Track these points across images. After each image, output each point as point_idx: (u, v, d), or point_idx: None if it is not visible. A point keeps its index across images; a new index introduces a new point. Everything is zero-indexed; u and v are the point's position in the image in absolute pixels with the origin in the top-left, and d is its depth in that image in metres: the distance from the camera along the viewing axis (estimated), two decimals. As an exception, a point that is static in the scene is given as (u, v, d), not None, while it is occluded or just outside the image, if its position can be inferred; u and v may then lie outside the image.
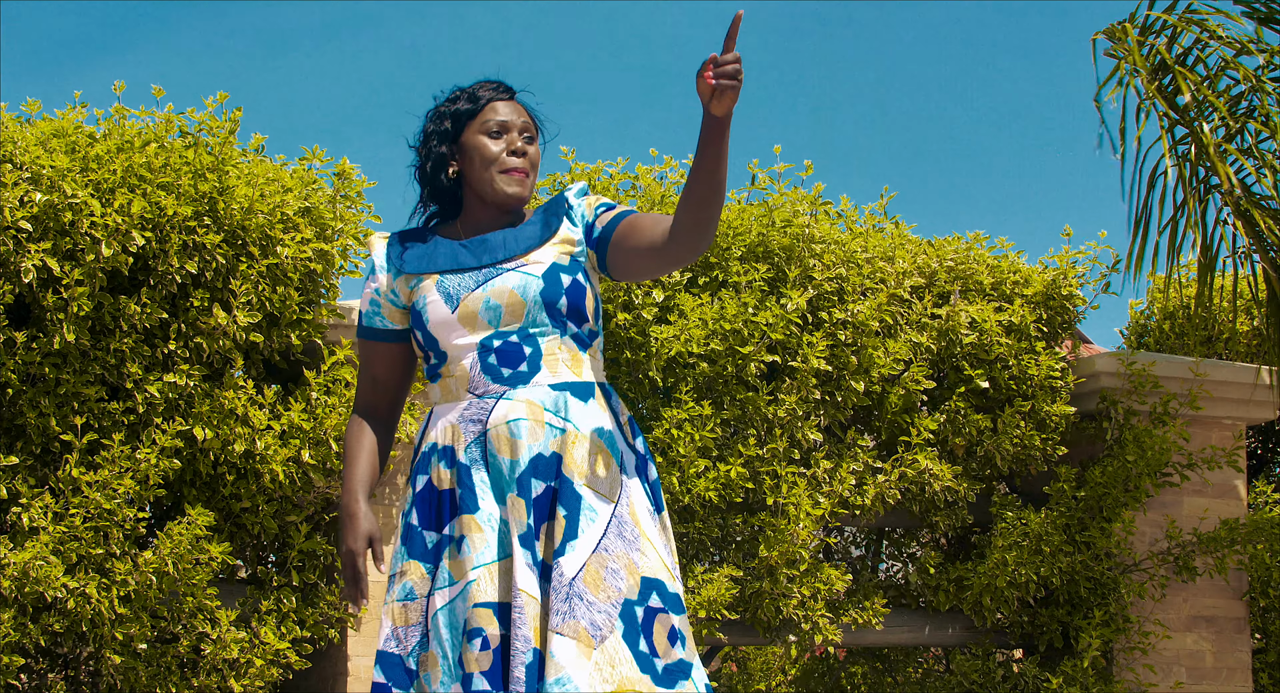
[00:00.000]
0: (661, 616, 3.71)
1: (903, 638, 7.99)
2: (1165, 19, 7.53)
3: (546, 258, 3.90)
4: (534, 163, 3.98)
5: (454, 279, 3.89)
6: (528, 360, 3.83)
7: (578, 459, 3.76)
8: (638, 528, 3.76)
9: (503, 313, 3.83)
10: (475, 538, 3.73)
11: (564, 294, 3.85)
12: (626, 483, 3.81)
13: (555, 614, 3.62)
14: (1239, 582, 8.35)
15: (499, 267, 3.88)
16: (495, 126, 3.96)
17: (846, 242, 7.66)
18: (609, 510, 3.75)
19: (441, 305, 3.87)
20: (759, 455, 7.31)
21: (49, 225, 6.13)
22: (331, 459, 6.55)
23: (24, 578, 5.98)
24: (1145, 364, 8.05)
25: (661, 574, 3.74)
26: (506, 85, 4.04)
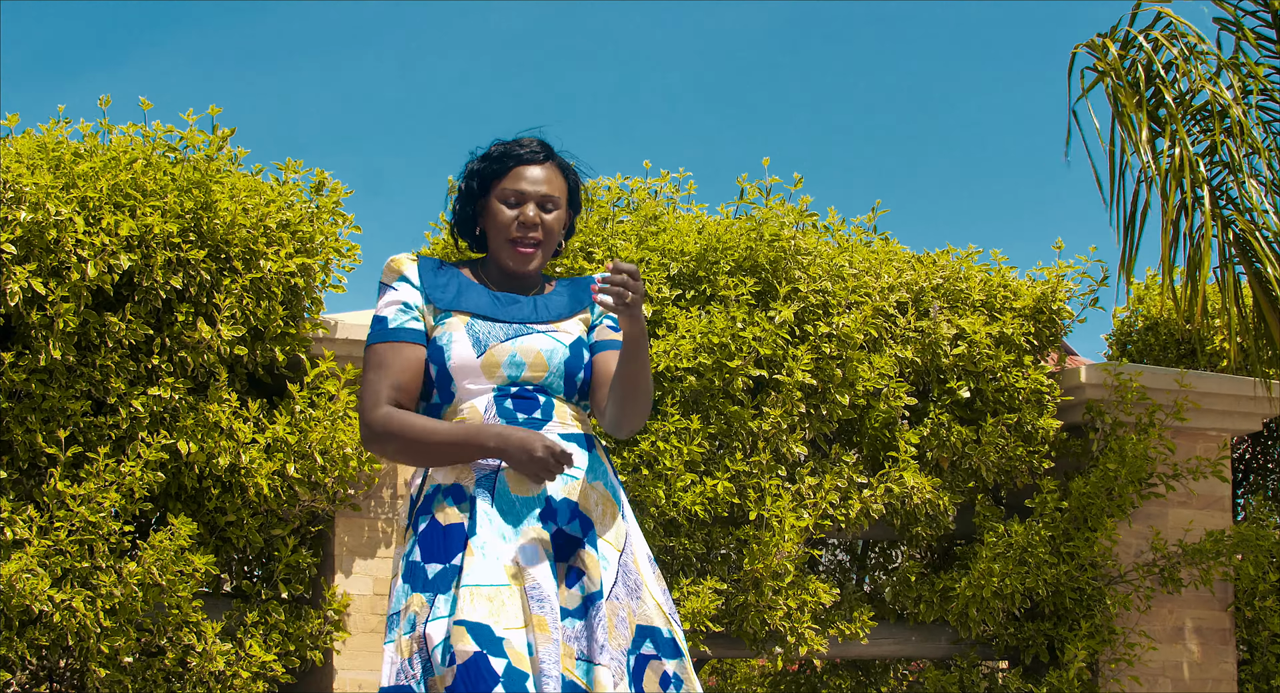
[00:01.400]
0: (654, 663, 3.81)
1: (888, 650, 8.01)
2: (1147, 34, 7.56)
3: (574, 330, 4.01)
4: (550, 231, 4.01)
5: (484, 326, 3.94)
6: (542, 409, 3.91)
7: (590, 508, 3.87)
8: (639, 576, 3.87)
9: (525, 370, 3.91)
10: (468, 561, 3.76)
11: (583, 369, 3.97)
12: (629, 533, 3.92)
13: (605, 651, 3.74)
14: (1224, 593, 8.37)
15: (529, 326, 3.96)
16: (513, 196, 4.00)
17: (833, 255, 7.68)
18: (616, 559, 3.86)
19: (468, 348, 3.91)
20: (744, 469, 7.33)
21: (34, 244, 6.15)
22: (316, 472, 6.57)
23: (10, 591, 6.01)
24: (1132, 375, 8.08)
25: (657, 621, 3.85)
26: (542, 145, 4.06)
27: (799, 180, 7.68)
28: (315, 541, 6.89)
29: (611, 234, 7.48)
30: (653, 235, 7.52)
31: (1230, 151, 7.51)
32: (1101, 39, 7.54)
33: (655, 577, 3.91)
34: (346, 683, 6.79)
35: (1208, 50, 7.59)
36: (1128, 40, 7.60)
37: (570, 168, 4.11)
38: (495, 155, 4.04)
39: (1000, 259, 8.23)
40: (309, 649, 6.65)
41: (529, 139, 4.07)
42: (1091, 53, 7.55)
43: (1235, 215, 7.59)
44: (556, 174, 4.06)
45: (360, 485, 6.83)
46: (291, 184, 6.77)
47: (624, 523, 3.90)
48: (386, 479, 6.95)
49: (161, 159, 6.50)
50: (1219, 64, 7.54)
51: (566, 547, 3.84)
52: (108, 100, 6.54)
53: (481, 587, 3.72)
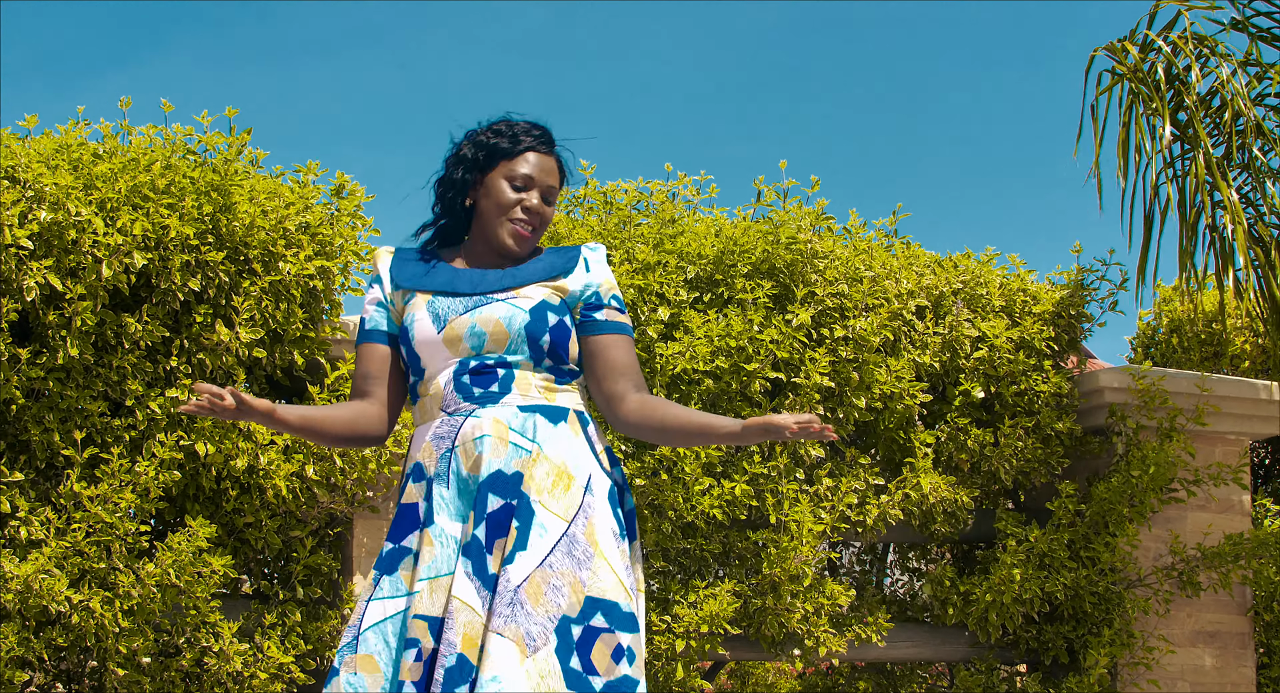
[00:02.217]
0: (605, 635, 3.78)
1: (907, 653, 8.00)
2: (1165, 36, 7.55)
3: (536, 294, 3.99)
4: (544, 221, 4.06)
5: (445, 302, 3.98)
6: (499, 381, 3.91)
7: (537, 477, 3.84)
8: (593, 548, 3.83)
9: (486, 340, 3.92)
10: (425, 552, 3.82)
11: (548, 331, 3.94)
12: (590, 504, 3.88)
13: (497, 616, 3.70)
14: (1243, 597, 8.35)
15: (489, 296, 3.98)
16: (520, 179, 4.03)
17: (850, 258, 7.68)
18: (561, 529, 3.81)
19: (429, 325, 3.95)
20: (762, 472, 7.33)
21: (52, 243, 6.17)
22: (335, 474, 6.58)
23: (27, 592, 6.02)
24: (1154, 379, 8.06)
25: (615, 595, 3.81)
26: (550, 136, 4.11)
27: (816, 183, 7.69)
28: (334, 542, 6.90)
29: (629, 237, 7.48)
30: (670, 238, 7.52)
31: (1251, 153, 7.49)
32: (1120, 42, 7.54)
33: (619, 553, 3.89)
34: (364, 685, 6.78)
35: (1225, 52, 7.58)
36: (1146, 43, 7.59)
37: (567, 162, 4.17)
38: (507, 133, 4.07)
39: (1019, 264, 8.23)
40: (327, 649, 6.65)
41: (540, 126, 4.11)
42: (1110, 56, 7.54)
43: (1256, 217, 7.57)
44: (556, 169, 4.12)
45: (379, 487, 6.84)
46: (311, 187, 6.78)
47: (582, 495, 3.86)
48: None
49: (181, 162, 6.51)
50: (1236, 66, 7.53)
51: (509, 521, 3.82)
52: (128, 102, 6.57)
53: (440, 578, 3.78)
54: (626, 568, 3.89)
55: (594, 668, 3.74)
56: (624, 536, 3.94)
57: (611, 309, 4.07)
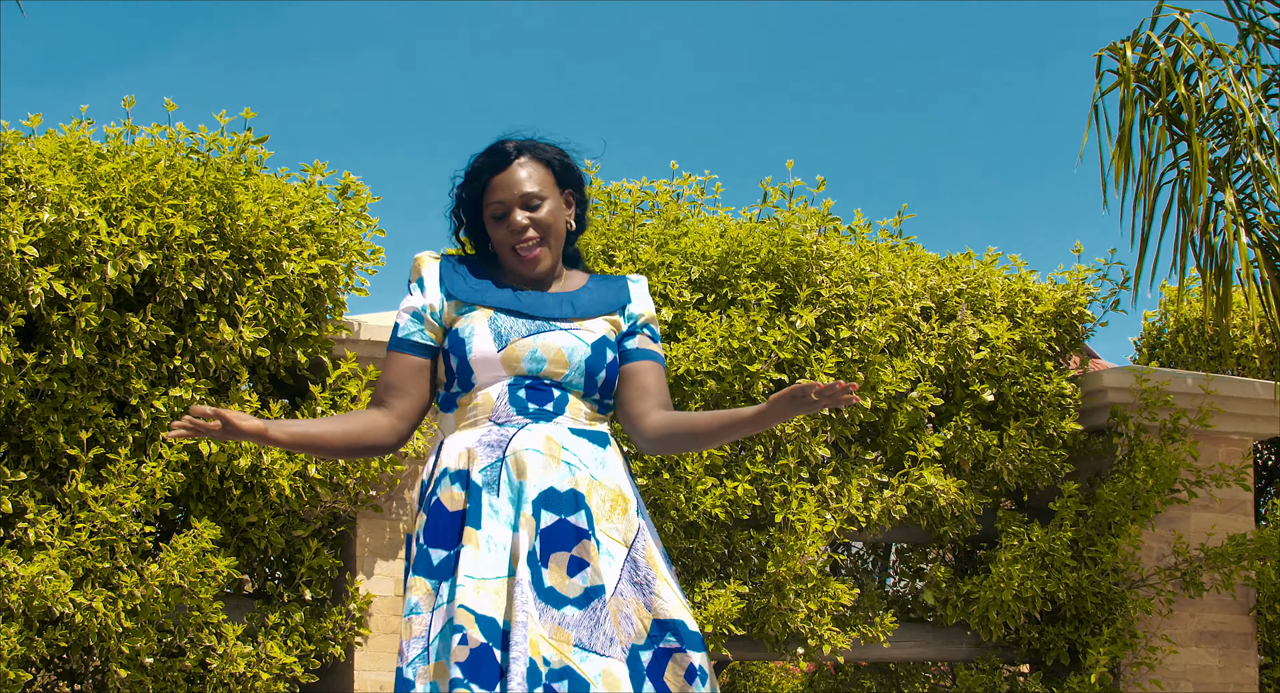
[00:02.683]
0: (678, 655, 3.78)
1: (910, 653, 8.00)
2: (1167, 38, 7.55)
3: (599, 329, 3.99)
4: (546, 224, 3.99)
5: (508, 321, 3.95)
6: (555, 402, 3.91)
7: (594, 504, 3.85)
8: (654, 570, 3.85)
9: (545, 365, 3.91)
10: (469, 550, 3.77)
11: (605, 368, 3.95)
12: (642, 528, 3.90)
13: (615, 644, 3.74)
14: (1246, 598, 8.35)
15: (552, 323, 3.96)
16: (497, 210, 3.99)
17: (855, 259, 7.68)
18: (623, 555, 3.84)
19: (489, 341, 3.91)
20: (767, 472, 7.33)
21: (56, 244, 6.17)
22: (339, 474, 6.58)
23: (31, 592, 6.02)
24: (1157, 381, 8.06)
25: (681, 615, 3.81)
26: (508, 146, 4.02)
27: (822, 183, 7.68)
28: (337, 542, 6.90)
29: (634, 237, 7.48)
30: (674, 239, 7.51)
31: (1252, 155, 7.49)
32: (1123, 43, 7.53)
33: (674, 574, 3.91)
34: (367, 683, 6.80)
35: (1228, 53, 7.57)
36: (1148, 44, 7.59)
37: (549, 151, 4.06)
38: (471, 174, 4.03)
39: (1020, 264, 8.23)
40: (330, 646, 6.65)
41: (497, 144, 4.04)
42: (1113, 57, 7.54)
43: (1259, 219, 7.56)
44: (533, 167, 4.02)
45: (382, 487, 6.84)
46: (318, 187, 6.78)
47: (634, 519, 3.88)
48: (408, 481, 6.95)
49: (185, 161, 6.52)
50: (1240, 67, 7.52)
51: (570, 536, 3.81)
52: (131, 101, 6.56)
53: (488, 581, 3.74)
54: (682, 590, 3.96)
55: (668, 689, 3.76)
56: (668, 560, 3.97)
57: (646, 337, 4.07)
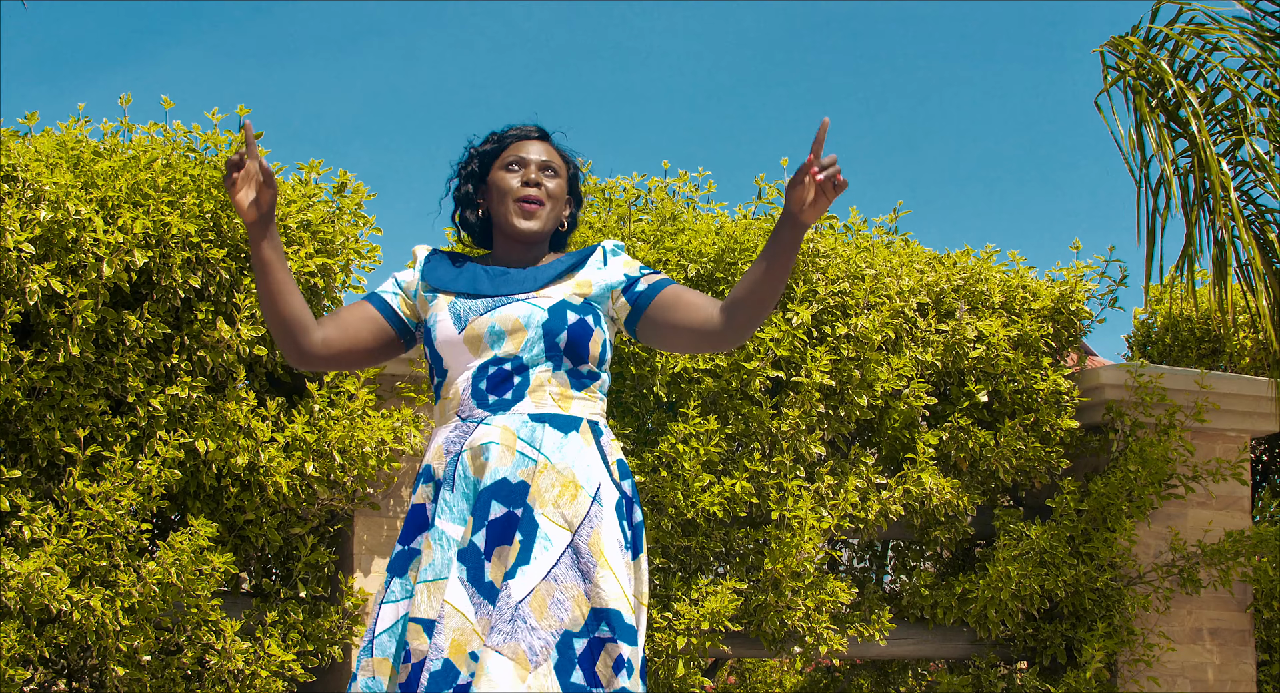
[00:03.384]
0: (610, 645, 3.77)
1: (907, 651, 8.01)
2: (1168, 32, 7.54)
3: (557, 294, 4.00)
4: (553, 196, 4.09)
5: (466, 303, 4.00)
6: (514, 389, 3.92)
7: (542, 488, 3.83)
8: (597, 558, 3.80)
9: (505, 338, 3.93)
10: (425, 554, 3.84)
11: (565, 330, 3.93)
12: (598, 514, 3.85)
13: (497, 633, 3.70)
14: (1243, 594, 8.35)
15: (511, 297, 3.99)
16: (514, 161, 4.10)
17: (851, 256, 7.67)
18: (566, 540, 3.81)
19: (450, 325, 3.97)
20: (764, 470, 7.32)
21: (53, 242, 6.16)
22: (335, 471, 6.58)
23: (29, 590, 6.02)
24: (1153, 376, 8.06)
25: (619, 604, 3.78)
26: (537, 127, 4.17)
27: (818, 180, 7.66)
28: (334, 539, 6.90)
29: (629, 234, 7.47)
30: (670, 236, 7.51)
31: (1252, 151, 7.48)
32: (1124, 38, 7.52)
33: (624, 564, 3.87)
34: (365, 682, 6.78)
35: (1229, 48, 7.56)
36: (1149, 39, 7.58)
37: (567, 154, 4.20)
38: (494, 139, 4.16)
39: (1019, 260, 8.23)
40: (327, 645, 6.65)
41: (521, 124, 4.18)
42: (1113, 52, 7.53)
43: (1258, 215, 7.56)
44: (555, 152, 4.16)
45: (379, 484, 6.83)
46: (314, 184, 6.77)
47: (589, 505, 3.84)
48: (405, 478, 6.95)
49: (182, 159, 6.51)
50: (1240, 63, 7.52)
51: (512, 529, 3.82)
52: (128, 99, 6.55)
53: (438, 581, 3.79)
54: (629, 579, 3.88)
55: (597, 680, 3.75)
56: (628, 548, 3.93)
57: (649, 275, 4.08)
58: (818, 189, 3.71)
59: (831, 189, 3.70)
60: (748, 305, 3.84)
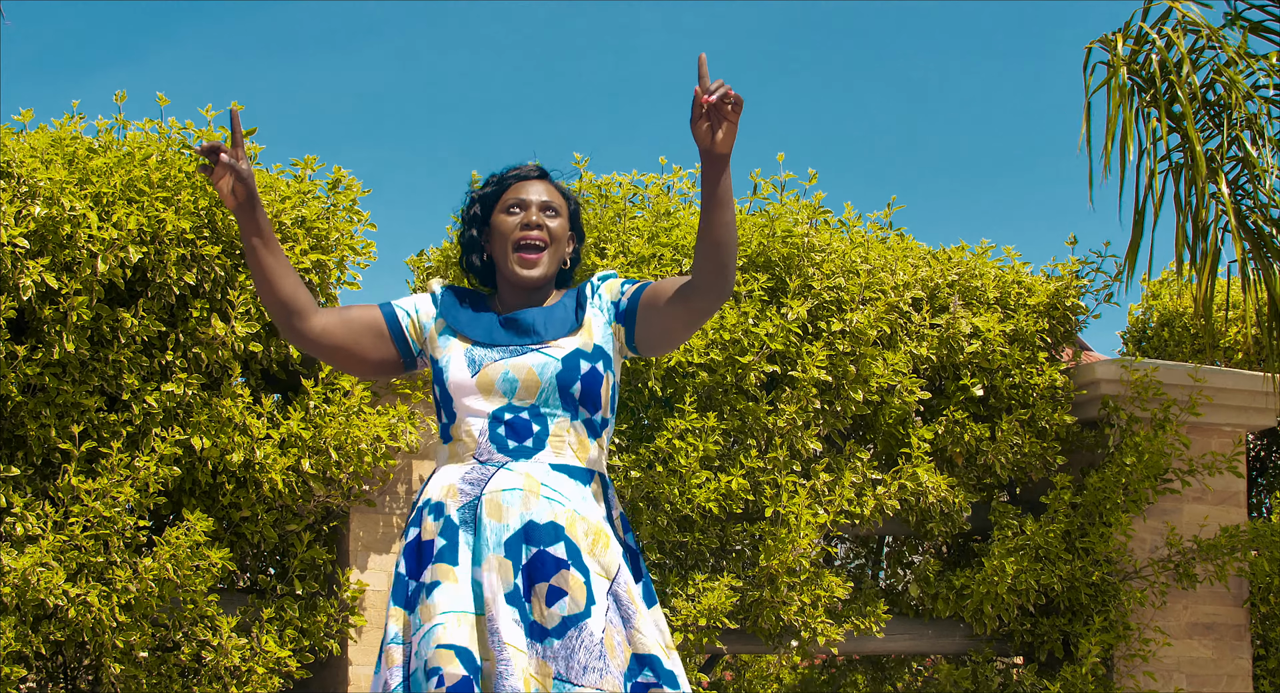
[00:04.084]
0: (654, 690, 3.83)
1: (904, 646, 8.01)
2: (1159, 29, 7.55)
3: (569, 345, 4.02)
4: (555, 236, 4.11)
5: (481, 351, 4.02)
6: (534, 437, 3.96)
7: (578, 535, 3.89)
8: (633, 605, 3.88)
9: (518, 387, 3.96)
10: (448, 586, 3.85)
11: (579, 380, 3.97)
12: (622, 566, 3.93)
13: (592, 672, 3.76)
14: (1239, 589, 8.36)
15: (525, 347, 4.01)
16: (514, 202, 4.12)
17: (846, 251, 7.68)
18: (605, 587, 3.88)
19: (464, 369, 4.00)
20: (760, 466, 7.33)
21: (47, 239, 6.17)
22: (331, 468, 6.58)
23: (25, 586, 6.02)
24: (1147, 370, 8.07)
25: (657, 651, 3.85)
26: (537, 166, 4.19)
27: (813, 176, 7.68)
28: (330, 536, 6.90)
29: (624, 230, 7.48)
30: (665, 231, 7.52)
31: (1244, 146, 7.50)
32: (1115, 34, 7.54)
33: (650, 610, 3.95)
34: (360, 679, 6.80)
35: (1220, 44, 7.58)
36: (1140, 35, 7.60)
37: (569, 192, 4.22)
38: (494, 180, 4.18)
39: (1014, 255, 8.24)
40: (323, 640, 6.66)
41: (521, 164, 4.20)
42: (1105, 48, 7.55)
43: (1250, 210, 7.57)
44: (555, 191, 4.18)
45: (375, 481, 6.84)
46: (309, 181, 6.78)
47: (618, 556, 3.92)
48: (401, 475, 6.96)
49: (177, 156, 6.51)
50: (1230, 58, 7.53)
51: (550, 567, 3.85)
52: (123, 96, 6.56)
53: (466, 614, 3.81)
54: (659, 624, 3.94)
55: None
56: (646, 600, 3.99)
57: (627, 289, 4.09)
58: (716, 115, 3.70)
59: (730, 111, 3.69)
60: (706, 252, 3.83)
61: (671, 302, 3.95)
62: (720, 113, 3.69)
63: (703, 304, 3.89)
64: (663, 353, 4.15)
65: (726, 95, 3.68)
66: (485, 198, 4.16)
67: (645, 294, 4.02)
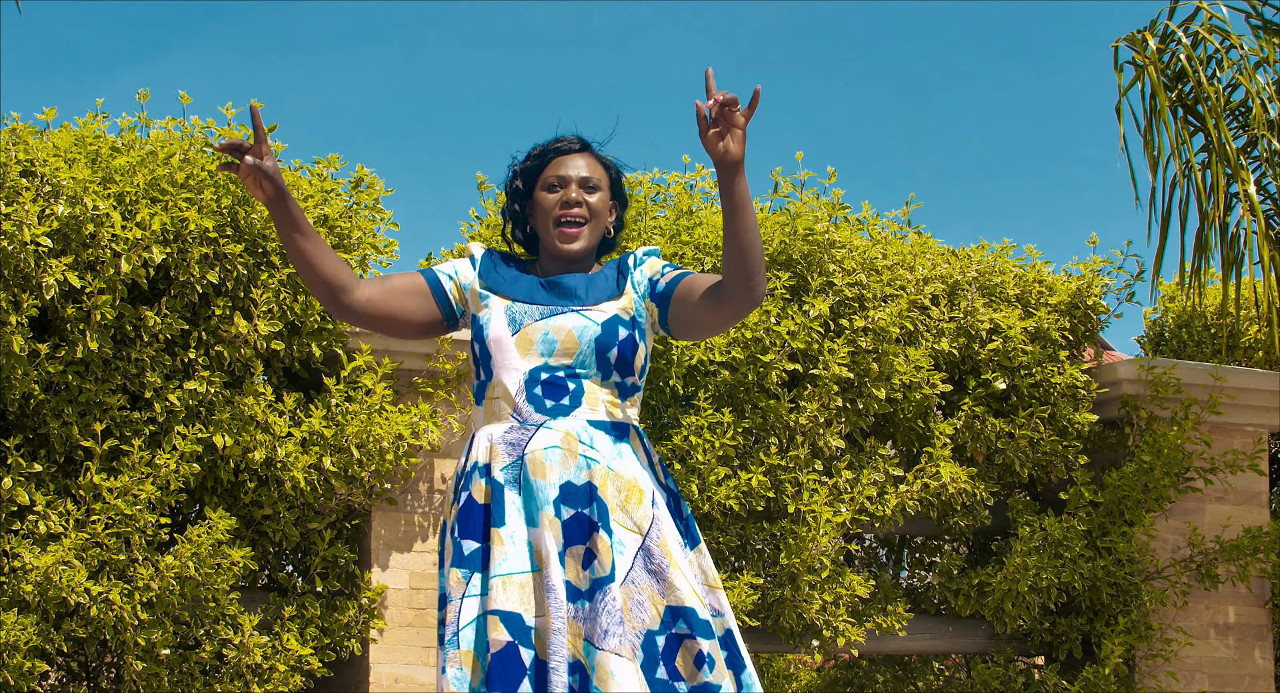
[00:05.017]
0: (689, 641, 3.87)
1: (925, 645, 8.00)
2: (1186, 28, 7.53)
3: (610, 309, 4.07)
4: (595, 211, 4.15)
5: (521, 307, 4.07)
6: (570, 395, 4.01)
7: (609, 495, 3.93)
8: (667, 558, 3.92)
9: (556, 347, 4.01)
10: (497, 550, 3.90)
11: (616, 345, 4.02)
12: (658, 517, 3.97)
13: (611, 636, 3.81)
14: (1261, 590, 8.34)
15: (566, 308, 4.07)
16: (554, 180, 4.16)
17: (867, 248, 7.67)
18: (637, 543, 3.93)
19: (504, 326, 4.05)
20: (780, 464, 7.32)
21: (70, 238, 6.17)
22: (353, 466, 6.58)
23: (47, 583, 6.03)
24: (1167, 369, 8.05)
25: (691, 602, 3.89)
26: (578, 138, 4.22)
27: (833, 174, 7.67)
28: (352, 535, 6.90)
29: (646, 228, 7.47)
30: (687, 230, 7.51)
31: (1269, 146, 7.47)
32: (1141, 33, 7.52)
33: (689, 560, 3.98)
34: (382, 677, 6.80)
35: (1245, 45, 7.55)
36: (1166, 34, 7.58)
37: (609, 161, 4.25)
38: (535, 154, 4.22)
39: (1035, 254, 8.22)
40: (344, 640, 6.65)
41: (566, 136, 4.23)
42: (1131, 47, 7.53)
43: (1274, 209, 7.55)
44: (596, 163, 4.21)
45: (397, 480, 6.84)
46: (331, 180, 6.78)
47: (651, 509, 3.96)
48: (424, 473, 6.95)
49: (200, 155, 6.51)
50: (1257, 59, 7.51)
51: (584, 529, 3.92)
52: (146, 94, 6.56)
53: (514, 576, 3.87)
54: (696, 576, 3.98)
55: (679, 674, 3.86)
56: (687, 542, 4.03)
57: (668, 272, 4.13)
58: (724, 123, 3.73)
59: (737, 116, 3.72)
60: (732, 258, 3.87)
61: (702, 302, 3.99)
62: (728, 120, 3.73)
63: (732, 308, 3.93)
64: (693, 340, 4.18)
65: (732, 103, 3.71)
66: (527, 172, 4.21)
67: (682, 285, 4.06)
